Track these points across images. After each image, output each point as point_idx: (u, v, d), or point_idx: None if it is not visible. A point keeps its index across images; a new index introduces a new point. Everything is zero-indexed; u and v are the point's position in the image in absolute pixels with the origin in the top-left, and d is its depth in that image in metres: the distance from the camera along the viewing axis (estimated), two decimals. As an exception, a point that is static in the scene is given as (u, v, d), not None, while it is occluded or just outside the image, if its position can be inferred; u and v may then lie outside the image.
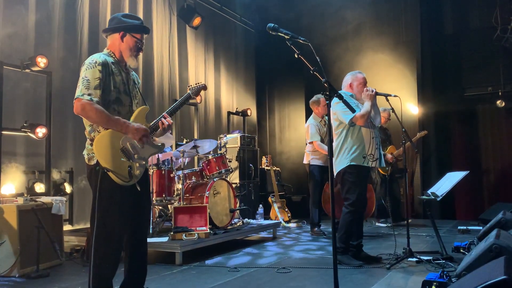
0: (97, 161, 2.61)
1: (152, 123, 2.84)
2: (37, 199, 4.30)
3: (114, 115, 2.68)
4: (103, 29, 2.89)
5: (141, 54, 2.92)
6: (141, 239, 2.91)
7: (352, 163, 4.14)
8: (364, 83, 4.36)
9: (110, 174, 2.58)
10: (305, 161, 6.32)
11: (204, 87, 3.15)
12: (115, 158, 2.62)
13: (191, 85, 3.15)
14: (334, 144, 4.29)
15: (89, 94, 2.59)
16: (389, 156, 6.62)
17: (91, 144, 2.66)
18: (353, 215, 4.17)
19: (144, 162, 2.80)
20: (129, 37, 2.81)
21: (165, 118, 2.85)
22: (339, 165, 4.21)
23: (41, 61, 4.86)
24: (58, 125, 5.44)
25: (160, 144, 2.97)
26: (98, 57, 2.72)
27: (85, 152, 2.73)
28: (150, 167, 4.98)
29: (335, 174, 4.23)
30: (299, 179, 8.77)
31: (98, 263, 2.60)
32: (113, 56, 2.82)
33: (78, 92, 2.61)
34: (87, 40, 5.95)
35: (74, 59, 5.74)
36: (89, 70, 2.65)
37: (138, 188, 2.74)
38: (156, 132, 2.86)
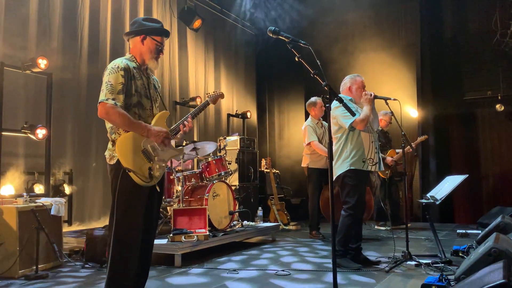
0: (118, 160, 2.69)
1: (173, 126, 2.94)
2: (37, 200, 4.31)
3: (135, 118, 2.76)
4: (124, 32, 2.97)
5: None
6: (149, 241, 2.94)
7: (352, 167, 4.14)
8: (363, 86, 4.36)
9: (131, 174, 2.66)
10: (303, 164, 6.31)
11: (222, 95, 3.36)
12: (136, 159, 2.71)
13: (209, 93, 3.31)
14: (333, 148, 4.28)
15: (113, 99, 2.66)
16: (389, 159, 6.62)
17: (112, 145, 2.76)
18: (352, 218, 4.17)
19: (164, 164, 2.89)
20: (150, 40, 2.90)
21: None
22: (339, 169, 4.21)
23: (42, 62, 4.87)
24: (58, 126, 5.45)
25: (181, 147, 3.04)
26: (120, 62, 2.77)
27: (106, 153, 2.81)
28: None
29: (334, 178, 4.23)
30: (298, 182, 8.76)
31: (117, 262, 2.65)
32: (135, 61, 2.89)
33: (102, 96, 2.67)
34: (87, 42, 5.97)
35: (75, 61, 5.77)
36: (112, 75, 2.70)
37: (158, 189, 2.85)
38: (177, 135, 2.97)
